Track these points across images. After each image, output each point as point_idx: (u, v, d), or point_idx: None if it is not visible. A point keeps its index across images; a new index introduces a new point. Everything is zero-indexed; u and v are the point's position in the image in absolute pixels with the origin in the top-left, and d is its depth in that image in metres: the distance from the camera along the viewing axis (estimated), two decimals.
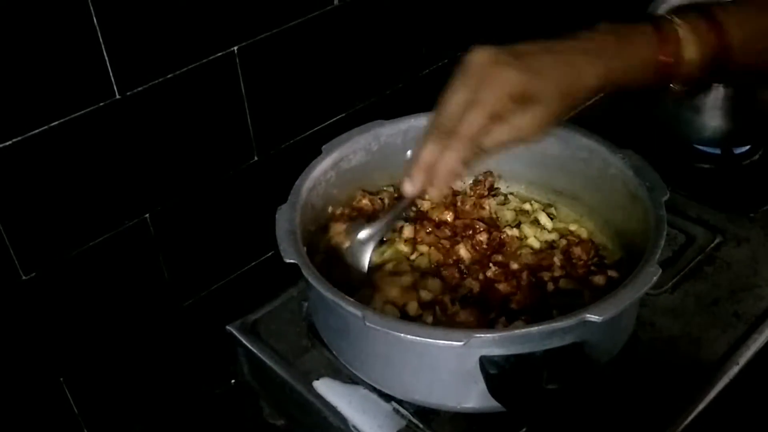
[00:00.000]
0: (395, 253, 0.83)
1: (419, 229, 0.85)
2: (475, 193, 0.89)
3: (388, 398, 0.75)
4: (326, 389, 0.77)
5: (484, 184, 0.90)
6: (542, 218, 0.86)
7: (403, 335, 0.63)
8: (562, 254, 0.81)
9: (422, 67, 1.03)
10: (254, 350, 0.83)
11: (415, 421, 0.73)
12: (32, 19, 0.65)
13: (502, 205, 0.89)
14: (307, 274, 0.68)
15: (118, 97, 0.73)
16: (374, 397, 0.75)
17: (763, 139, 1.06)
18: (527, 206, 0.88)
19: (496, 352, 0.63)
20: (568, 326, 0.63)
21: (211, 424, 0.94)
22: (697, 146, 1.06)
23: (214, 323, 0.86)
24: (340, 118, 0.95)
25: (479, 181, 0.90)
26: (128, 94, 0.73)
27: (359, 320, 0.64)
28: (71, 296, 0.78)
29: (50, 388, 0.80)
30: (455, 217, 0.86)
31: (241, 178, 0.88)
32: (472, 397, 0.68)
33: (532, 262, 0.80)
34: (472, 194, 0.89)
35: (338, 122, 0.94)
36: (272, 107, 0.87)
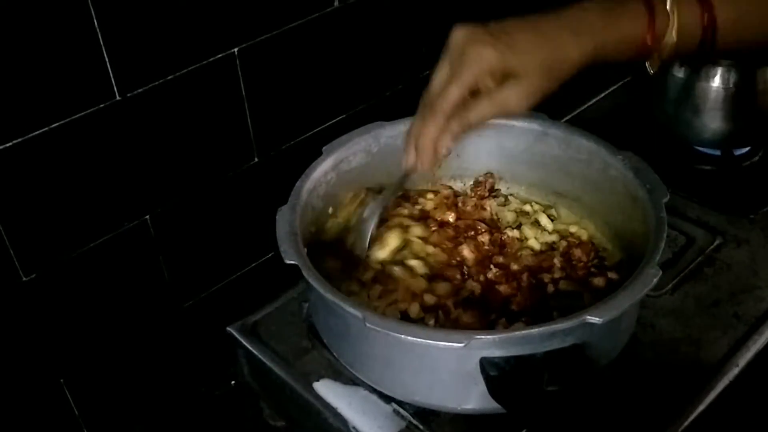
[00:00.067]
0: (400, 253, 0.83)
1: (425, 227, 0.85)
2: (476, 194, 0.89)
3: (388, 399, 0.75)
4: (326, 390, 0.77)
5: (484, 185, 0.89)
6: (543, 220, 0.86)
7: (403, 336, 0.63)
8: (562, 256, 0.81)
9: (422, 68, 1.03)
10: (254, 351, 0.82)
11: (415, 422, 0.73)
12: (33, 20, 0.65)
13: (502, 206, 0.89)
14: (307, 275, 0.68)
15: (118, 98, 0.73)
16: (374, 398, 0.75)
17: (763, 140, 1.07)
18: (527, 207, 0.88)
19: (496, 353, 0.63)
20: (568, 328, 0.62)
21: (211, 425, 0.94)
22: (697, 147, 1.06)
23: (214, 324, 0.86)
24: (340, 119, 0.95)
25: (480, 182, 0.90)
26: (128, 95, 0.73)
27: (359, 321, 0.64)
28: (72, 297, 0.78)
29: (50, 389, 0.80)
30: (457, 217, 0.86)
31: (241, 179, 0.88)
32: (472, 398, 0.68)
33: (532, 263, 0.80)
34: (473, 195, 0.89)
35: (338, 123, 0.95)
36: (272, 109, 0.87)
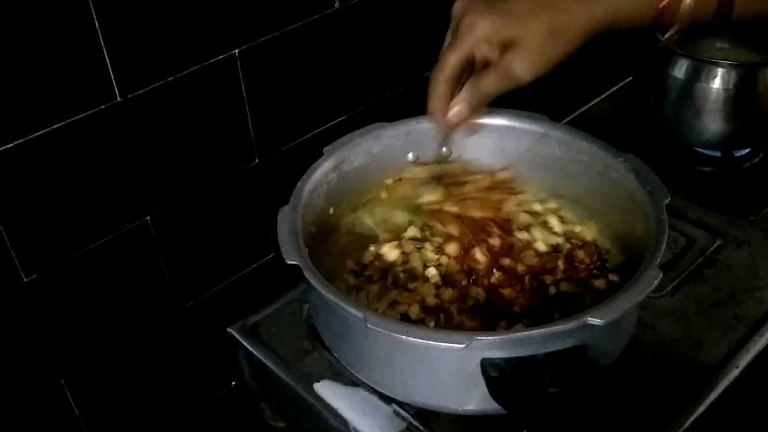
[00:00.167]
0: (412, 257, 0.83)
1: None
2: (494, 189, 0.85)
3: (388, 400, 0.75)
4: (327, 391, 0.77)
5: (505, 182, 0.86)
6: (552, 222, 0.85)
7: (404, 337, 0.63)
8: (565, 258, 0.80)
9: (423, 69, 1.02)
10: (255, 352, 0.82)
11: (415, 423, 0.73)
12: (33, 21, 0.65)
13: (518, 206, 0.86)
14: (308, 275, 0.68)
15: (119, 99, 0.73)
16: (375, 399, 0.75)
17: (763, 141, 1.06)
18: (538, 207, 0.87)
19: (497, 354, 0.63)
20: (569, 329, 0.62)
21: (211, 426, 0.94)
22: (697, 149, 1.06)
23: (214, 325, 0.86)
24: (341, 120, 0.95)
25: (505, 179, 0.87)
26: (129, 96, 0.73)
27: (360, 322, 0.64)
28: (72, 298, 0.78)
29: (51, 389, 0.80)
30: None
31: (242, 180, 0.88)
32: (473, 399, 0.68)
33: (536, 264, 0.80)
34: (492, 189, 0.85)
35: (339, 124, 0.95)
36: (273, 110, 0.87)
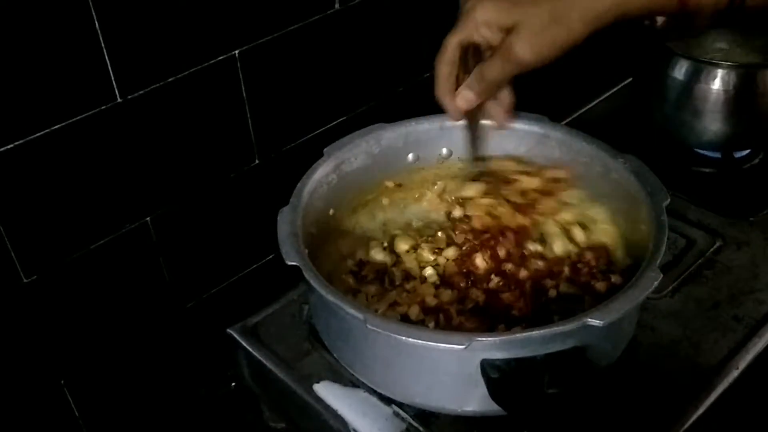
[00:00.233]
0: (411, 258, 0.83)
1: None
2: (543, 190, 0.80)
3: (388, 401, 0.75)
4: (327, 392, 0.77)
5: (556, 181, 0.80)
6: (577, 233, 0.80)
7: (404, 338, 0.63)
8: (572, 262, 0.78)
9: (423, 70, 1.03)
10: (255, 353, 0.82)
11: (415, 424, 0.73)
12: (34, 22, 0.65)
13: (551, 213, 0.81)
14: (308, 276, 0.68)
15: (119, 100, 0.73)
16: (374, 400, 0.75)
17: (763, 143, 1.07)
18: (568, 216, 0.81)
19: (497, 355, 0.63)
20: (569, 330, 0.63)
21: (211, 427, 0.94)
22: (697, 150, 1.06)
23: (214, 326, 0.86)
24: (341, 121, 0.95)
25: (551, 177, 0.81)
26: (129, 97, 0.73)
27: (360, 323, 0.64)
28: (72, 299, 0.78)
29: (51, 390, 0.80)
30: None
31: (242, 181, 0.88)
32: (472, 400, 0.68)
33: (542, 269, 0.78)
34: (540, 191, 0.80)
35: (339, 125, 0.95)
36: (273, 110, 0.87)
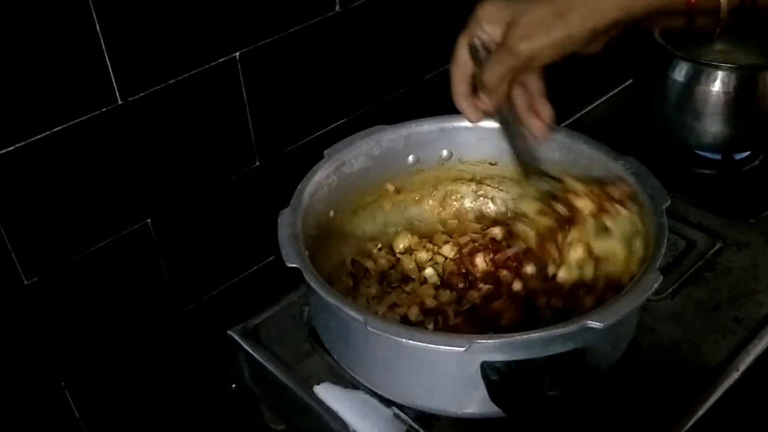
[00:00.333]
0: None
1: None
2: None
3: (388, 403, 0.75)
4: (327, 394, 0.77)
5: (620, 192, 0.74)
6: (588, 269, 0.74)
7: (404, 340, 0.63)
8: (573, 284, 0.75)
9: (423, 72, 1.03)
10: (255, 355, 0.82)
11: (415, 426, 0.73)
12: (34, 24, 0.65)
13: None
14: (308, 278, 0.68)
15: (120, 102, 0.73)
16: (375, 402, 0.75)
17: (763, 144, 1.06)
18: (598, 245, 0.74)
19: (497, 357, 0.63)
20: (569, 332, 0.63)
21: (211, 428, 0.94)
22: (697, 152, 1.06)
23: (215, 328, 0.86)
24: (341, 122, 0.95)
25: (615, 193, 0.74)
26: (130, 99, 0.73)
27: (361, 325, 0.64)
28: (73, 301, 0.78)
29: (52, 392, 0.80)
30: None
31: (242, 182, 0.88)
32: (473, 402, 0.68)
33: (539, 287, 0.77)
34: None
35: (340, 127, 0.95)
36: (274, 112, 0.87)
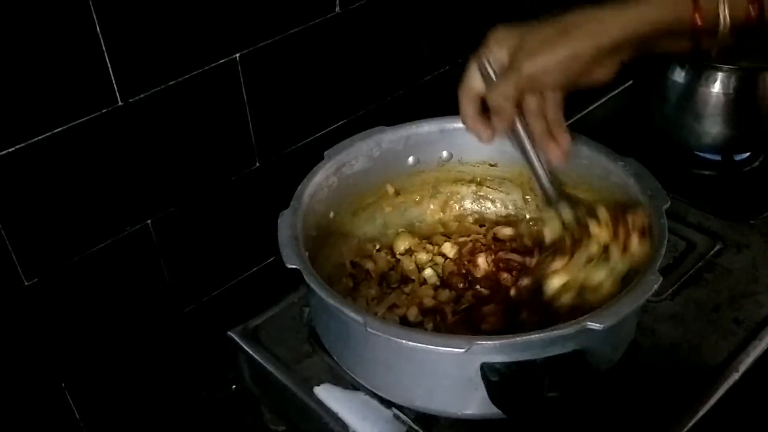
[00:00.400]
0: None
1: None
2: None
3: (388, 404, 0.75)
4: (327, 395, 0.77)
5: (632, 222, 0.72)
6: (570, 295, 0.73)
7: (404, 341, 0.63)
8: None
9: (423, 73, 1.03)
10: (255, 356, 0.82)
11: (415, 427, 0.73)
12: (35, 25, 0.65)
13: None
14: (309, 279, 0.68)
15: (120, 103, 0.73)
16: (375, 403, 0.75)
17: (763, 145, 1.07)
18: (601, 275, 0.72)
19: (497, 359, 0.63)
20: (569, 334, 0.63)
21: (211, 429, 0.94)
22: (697, 153, 1.06)
23: (215, 329, 0.86)
24: (341, 124, 0.95)
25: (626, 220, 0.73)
26: (130, 100, 0.73)
27: (360, 326, 0.64)
28: (73, 302, 0.78)
29: (52, 393, 0.80)
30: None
31: (242, 184, 0.88)
32: (472, 403, 0.68)
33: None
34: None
35: (340, 128, 0.95)
36: (274, 113, 0.87)
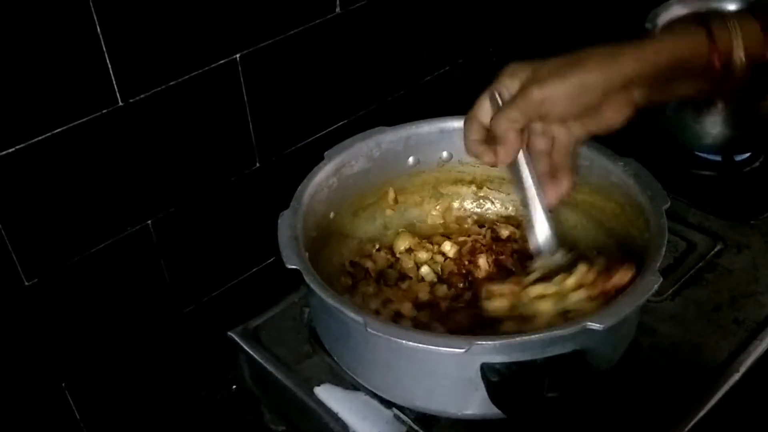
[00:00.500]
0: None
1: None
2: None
3: (388, 404, 0.75)
4: (327, 395, 0.77)
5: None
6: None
7: (404, 342, 0.63)
8: None
9: (424, 74, 1.03)
10: (255, 356, 0.82)
11: (415, 427, 0.73)
12: (35, 26, 0.65)
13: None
14: (309, 280, 0.68)
15: (120, 104, 0.73)
16: (375, 403, 0.75)
17: (763, 146, 1.06)
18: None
19: (497, 359, 0.63)
20: (569, 334, 0.63)
21: (212, 429, 0.94)
22: (697, 153, 1.06)
23: (215, 329, 0.86)
24: (342, 124, 0.95)
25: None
26: (131, 101, 0.74)
27: (360, 326, 0.64)
28: (73, 302, 0.78)
29: (52, 393, 0.80)
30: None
31: (243, 184, 0.88)
32: (472, 404, 0.68)
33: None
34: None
35: (340, 128, 0.95)
36: (274, 114, 0.88)
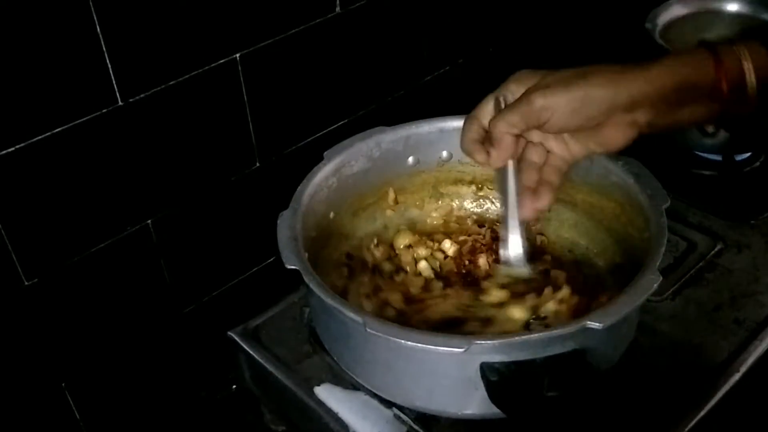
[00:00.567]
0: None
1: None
2: None
3: (388, 404, 0.75)
4: (327, 395, 0.77)
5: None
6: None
7: (403, 342, 0.63)
8: None
9: (424, 73, 1.03)
10: (255, 356, 0.82)
11: (415, 427, 0.73)
12: (35, 25, 0.65)
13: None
14: (308, 280, 0.68)
15: (120, 103, 0.73)
16: (375, 403, 0.75)
17: (764, 146, 1.06)
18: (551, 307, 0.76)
19: (496, 358, 0.63)
20: (568, 333, 0.63)
21: (212, 429, 0.94)
22: (698, 153, 1.06)
23: (215, 329, 0.86)
24: (341, 124, 0.95)
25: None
26: (131, 100, 0.74)
27: (360, 326, 0.64)
28: (73, 302, 0.78)
29: (52, 393, 0.80)
30: None
31: (242, 184, 0.88)
32: (472, 403, 0.68)
33: None
34: None
35: (340, 128, 0.95)
36: (274, 114, 0.88)
